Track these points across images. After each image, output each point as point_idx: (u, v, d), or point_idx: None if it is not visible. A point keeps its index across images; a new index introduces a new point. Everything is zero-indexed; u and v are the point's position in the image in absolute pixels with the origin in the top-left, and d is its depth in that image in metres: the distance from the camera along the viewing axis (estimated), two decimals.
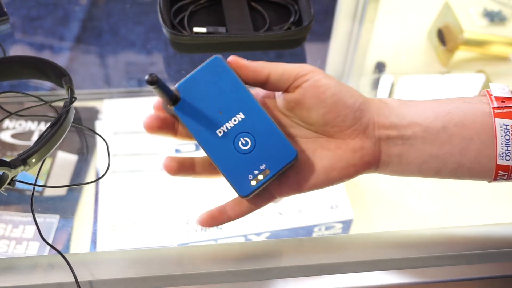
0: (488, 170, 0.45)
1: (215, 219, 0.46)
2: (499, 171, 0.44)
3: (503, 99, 0.44)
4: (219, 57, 0.44)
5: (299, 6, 0.80)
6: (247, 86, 0.44)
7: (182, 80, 0.44)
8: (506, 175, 0.44)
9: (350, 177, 0.46)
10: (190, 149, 0.68)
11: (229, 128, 0.43)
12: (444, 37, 0.85)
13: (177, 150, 0.68)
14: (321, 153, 0.45)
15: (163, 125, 0.45)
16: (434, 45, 0.86)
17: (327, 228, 0.64)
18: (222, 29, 0.75)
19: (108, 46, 0.82)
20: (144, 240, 0.62)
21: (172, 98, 0.42)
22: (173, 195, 0.65)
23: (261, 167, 0.42)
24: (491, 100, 0.44)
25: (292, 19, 0.78)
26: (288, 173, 0.45)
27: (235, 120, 0.43)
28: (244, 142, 0.43)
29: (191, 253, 0.57)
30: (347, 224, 0.64)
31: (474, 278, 0.55)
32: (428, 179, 0.48)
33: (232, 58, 0.44)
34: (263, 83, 0.45)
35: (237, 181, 0.42)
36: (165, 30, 0.74)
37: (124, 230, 0.62)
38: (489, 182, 0.46)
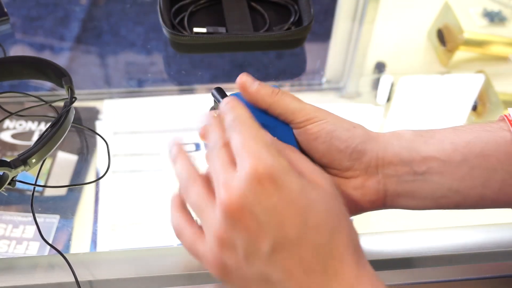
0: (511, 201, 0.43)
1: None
2: None
3: None
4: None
5: (299, 6, 0.80)
6: None
7: (235, 92, 0.46)
8: None
9: (353, 213, 0.45)
10: (190, 149, 0.68)
11: None
12: (444, 37, 0.85)
13: None
14: None
15: None
16: (434, 45, 0.86)
17: None
18: (222, 29, 0.75)
19: (108, 46, 0.82)
20: (144, 240, 0.62)
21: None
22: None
23: None
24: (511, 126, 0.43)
25: (292, 19, 0.78)
26: None
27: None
28: None
29: None
30: None
31: (474, 278, 0.55)
32: None
33: (240, 80, 0.44)
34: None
35: None
36: (165, 30, 0.74)
37: (124, 230, 0.62)
38: None
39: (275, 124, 0.45)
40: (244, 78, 0.44)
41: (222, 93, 0.46)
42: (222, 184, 0.36)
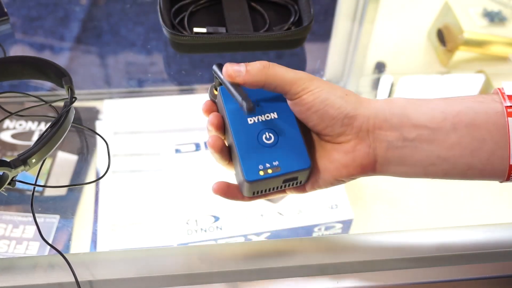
0: (500, 171, 0.44)
1: (227, 192, 0.48)
2: None
3: None
4: None
5: (299, 6, 0.80)
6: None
7: None
8: None
9: (344, 177, 0.46)
10: (190, 149, 0.68)
11: (260, 120, 0.45)
12: (444, 37, 0.85)
13: (177, 150, 0.68)
14: (319, 154, 0.46)
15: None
16: (434, 45, 0.86)
17: (327, 228, 0.64)
18: (222, 29, 0.75)
19: (108, 46, 0.82)
20: (144, 240, 0.62)
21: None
22: (173, 195, 0.65)
23: (274, 163, 0.44)
24: (504, 98, 0.43)
25: (292, 19, 0.78)
26: None
27: (267, 116, 0.46)
28: (268, 136, 0.45)
29: (191, 253, 0.57)
30: (347, 224, 0.64)
31: (474, 278, 0.55)
32: (429, 180, 0.47)
33: (226, 74, 0.45)
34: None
35: (247, 165, 0.44)
36: (165, 30, 0.74)
37: (124, 230, 0.62)
38: (501, 182, 0.45)
39: (271, 100, 0.46)
40: (229, 70, 0.45)
41: (222, 69, 0.46)
42: None
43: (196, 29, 0.75)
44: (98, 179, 0.65)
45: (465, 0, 0.87)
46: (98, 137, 0.68)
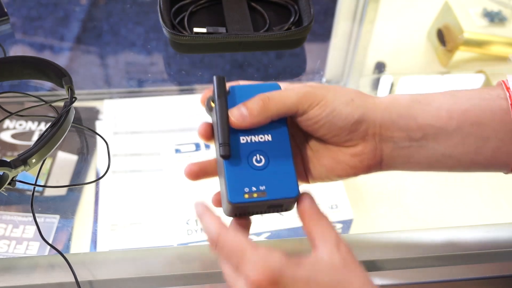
0: (505, 165, 0.44)
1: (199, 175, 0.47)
2: None
3: None
4: (277, 84, 0.45)
5: (299, 6, 0.80)
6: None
7: (238, 85, 0.46)
8: None
9: (351, 176, 0.46)
10: (190, 149, 0.68)
11: (253, 141, 0.44)
12: (444, 37, 0.85)
13: (177, 150, 0.68)
14: (324, 153, 0.46)
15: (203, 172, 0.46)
16: (434, 45, 0.86)
17: None
18: (222, 29, 0.75)
19: (108, 46, 0.82)
20: (144, 240, 0.62)
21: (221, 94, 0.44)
22: (173, 195, 0.65)
23: (261, 188, 0.43)
24: (510, 94, 0.43)
25: (292, 19, 0.78)
26: (296, 161, 0.46)
27: (261, 138, 0.44)
28: (258, 159, 0.44)
29: (191, 253, 0.57)
30: (347, 224, 0.64)
31: (474, 278, 0.55)
32: (429, 179, 0.48)
33: (232, 120, 0.43)
34: None
35: (233, 186, 0.43)
36: (165, 30, 0.74)
37: (124, 230, 0.62)
38: (506, 173, 0.46)
39: (268, 130, 0.44)
40: (234, 118, 0.43)
41: (220, 86, 0.45)
42: None
43: (196, 29, 0.75)
44: (98, 179, 0.65)
45: (465, 0, 0.87)
46: (98, 137, 0.68)
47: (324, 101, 0.43)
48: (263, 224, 0.63)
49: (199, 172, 0.46)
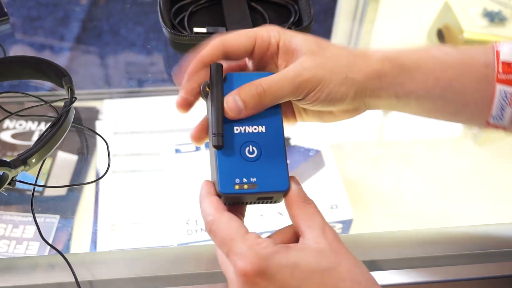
0: (479, 126, 0.47)
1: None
2: (489, 127, 0.47)
3: (510, 63, 0.44)
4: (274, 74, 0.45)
5: (299, 6, 0.80)
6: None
7: (234, 72, 0.46)
8: (495, 129, 0.47)
9: (333, 121, 0.50)
10: (190, 149, 0.68)
11: (247, 132, 0.44)
12: (444, 37, 0.85)
13: (177, 150, 0.68)
14: (315, 111, 0.48)
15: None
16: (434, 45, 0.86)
17: None
18: (222, 29, 0.75)
19: (108, 46, 0.82)
20: (144, 240, 0.62)
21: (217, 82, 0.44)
22: (173, 195, 0.65)
23: (252, 180, 0.43)
24: (498, 64, 0.44)
25: (292, 19, 0.78)
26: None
27: (255, 129, 0.44)
28: (251, 150, 0.44)
29: (191, 253, 0.57)
30: (347, 224, 0.64)
31: (474, 278, 0.55)
32: (429, 179, 0.48)
33: (227, 112, 0.44)
34: None
35: (223, 176, 0.43)
36: (165, 30, 0.74)
37: (124, 230, 0.62)
38: (482, 128, 0.48)
39: (264, 111, 0.44)
40: (230, 110, 0.43)
41: (217, 74, 0.44)
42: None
43: (196, 29, 0.75)
44: (98, 179, 0.65)
45: (465, 0, 0.87)
46: (98, 137, 0.68)
47: (320, 85, 0.44)
48: (263, 224, 0.63)
49: (189, 105, 0.47)
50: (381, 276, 0.54)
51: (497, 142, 0.77)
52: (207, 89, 0.45)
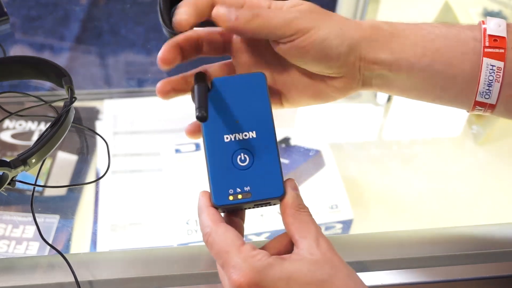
0: (466, 105, 0.47)
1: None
2: (477, 106, 0.46)
3: (496, 38, 0.44)
4: (263, 74, 0.45)
5: None
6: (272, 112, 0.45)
7: (221, 77, 0.45)
8: (483, 109, 0.46)
9: (329, 102, 0.48)
10: (190, 149, 0.68)
11: (237, 139, 0.43)
12: None
13: (177, 150, 0.68)
14: (306, 84, 0.47)
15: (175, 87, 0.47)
16: None
17: (327, 228, 0.64)
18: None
19: (108, 46, 0.82)
20: (144, 240, 0.62)
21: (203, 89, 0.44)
22: (173, 195, 0.65)
23: (245, 189, 0.42)
24: (484, 38, 0.44)
25: None
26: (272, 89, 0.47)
27: (245, 135, 0.43)
28: (243, 158, 0.43)
29: (191, 253, 0.57)
30: (347, 224, 0.64)
31: (474, 278, 0.55)
32: (429, 179, 0.48)
33: (215, 15, 0.43)
34: None
35: (217, 188, 0.42)
36: (165, 30, 0.74)
37: (124, 230, 0.62)
38: (468, 112, 0.48)
39: (253, 116, 0.44)
40: (219, 13, 0.43)
41: (200, 80, 0.44)
42: None
43: (196, 29, 0.75)
44: (98, 179, 0.65)
45: (465, 0, 0.87)
46: (98, 137, 0.68)
47: (313, 31, 0.43)
48: (263, 224, 0.63)
49: (170, 90, 0.47)
50: (381, 276, 0.54)
51: (497, 142, 0.77)
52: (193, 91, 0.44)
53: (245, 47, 0.47)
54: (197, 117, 0.40)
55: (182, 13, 0.44)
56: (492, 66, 0.44)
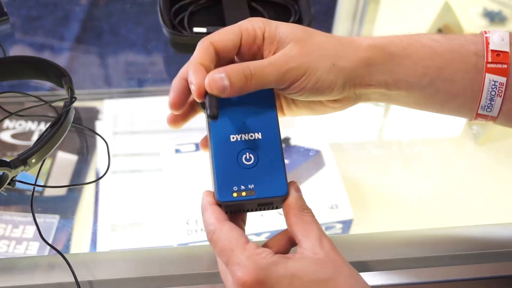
0: (468, 116, 0.47)
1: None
2: (478, 118, 0.46)
3: (499, 53, 0.44)
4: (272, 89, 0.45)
5: (299, 6, 0.80)
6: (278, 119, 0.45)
7: None
8: (485, 120, 0.47)
9: (325, 113, 0.50)
10: (190, 149, 0.68)
11: (243, 139, 0.44)
12: None
13: (177, 150, 0.68)
14: (304, 104, 0.48)
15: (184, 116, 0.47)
16: None
17: (327, 228, 0.64)
18: None
19: (108, 46, 0.82)
20: (144, 240, 0.62)
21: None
22: (173, 195, 0.65)
23: (250, 186, 0.43)
24: (487, 53, 0.44)
25: (292, 19, 0.78)
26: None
27: (251, 136, 0.44)
28: (248, 157, 0.44)
29: (191, 253, 0.57)
30: (347, 224, 0.64)
31: (474, 278, 0.55)
32: (429, 179, 0.48)
33: (210, 89, 0.42)
34: None
35: (221, 185, 0.43)
36: (165, 30, 0.74)
37: (124, 230, 0.62)
38: (470, 120, 0.48)
39: (259, 118, 0.44)
40: (214, 86, 0.42)
41: (213, 104, 0.43)
42: None
43: (196, 29, 0.75)
44: (98, 179, 0.65)
45: (465, 0, 0.87)
46: (98, 137, 0.68)
47: (307, 73, 0.43)
48: (263, 224, 0.63)
49: (181, 120, 0.47)
50: (381, 276, 0.54)
51: (497, 142, 0.77)
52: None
53: None
54: (209, 116, 0.41)
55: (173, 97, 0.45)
56: (495, 82, 0.44)
